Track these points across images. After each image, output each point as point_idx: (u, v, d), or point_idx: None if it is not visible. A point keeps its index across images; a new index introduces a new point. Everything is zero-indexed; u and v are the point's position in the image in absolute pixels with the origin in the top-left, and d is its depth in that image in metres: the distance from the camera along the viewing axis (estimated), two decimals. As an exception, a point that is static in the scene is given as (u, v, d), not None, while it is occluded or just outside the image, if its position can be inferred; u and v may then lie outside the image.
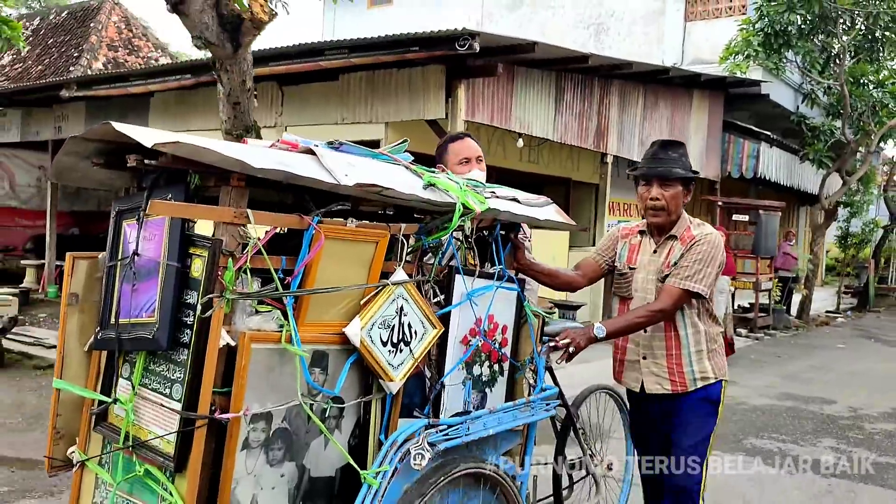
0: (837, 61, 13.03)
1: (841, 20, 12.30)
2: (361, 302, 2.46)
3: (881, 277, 19.52)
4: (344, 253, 2.39)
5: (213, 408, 2.14)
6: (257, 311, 2.22)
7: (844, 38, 12.53)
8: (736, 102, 12.89)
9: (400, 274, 2.52)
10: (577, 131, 9.99)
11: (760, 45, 11.95)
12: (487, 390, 2.97)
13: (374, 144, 3.30)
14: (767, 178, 13.67)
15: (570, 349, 3.05)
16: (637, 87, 10.96)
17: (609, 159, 10.96)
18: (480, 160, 3.52)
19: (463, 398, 2.81)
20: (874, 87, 13.25)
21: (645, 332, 3.27)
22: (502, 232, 2.99)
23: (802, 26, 12.11)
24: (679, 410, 3.27)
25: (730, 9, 13.72)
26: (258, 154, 2.12)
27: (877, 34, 12.50)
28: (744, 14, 13.17)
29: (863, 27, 12.46)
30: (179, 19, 4.94)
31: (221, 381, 2.19)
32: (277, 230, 2.28)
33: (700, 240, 3.25)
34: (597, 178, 11.71)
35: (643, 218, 3.42)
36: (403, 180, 2.56)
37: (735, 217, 13.32)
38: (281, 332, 2.23)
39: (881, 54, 13.00)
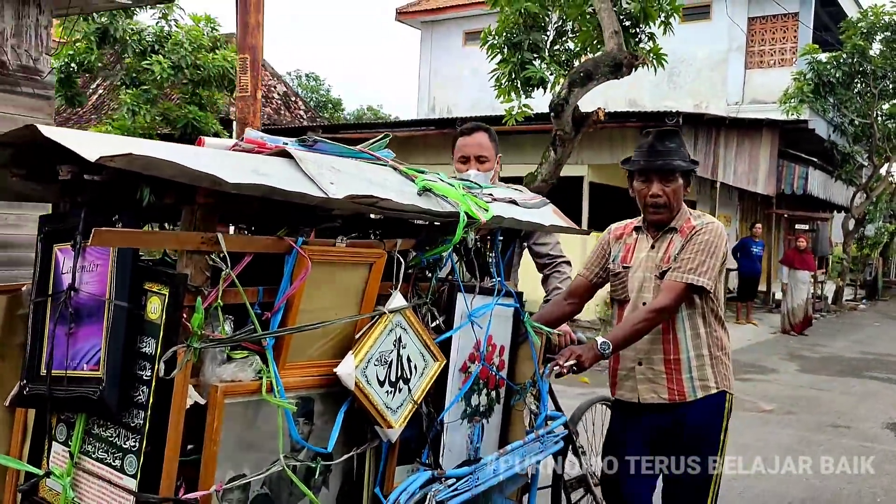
0: (860, 100, 16.80)
1: (872, 74, 16.24)
2: (356, 335, 2.05)
3: (884, 272, 23.81)
4: (332, 278, 1.97)
5: (178, 483, 1.70)
6: (230, 358, 1.78)
7: (874, 86, 16.40)
8: (784, 133, 16.30)
9: (398, 299, 2.11)
10: (704, 165, 12.98)
11: (811, 93, 15.78)
12: (484, 421, 2.60)
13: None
14: (812, 195, 17.22)
15: (574, 369, 2.71)
16: (733, 130, 14.03)
17: (717, 185, 13.92)
18: (484, 160, 3.16)
19: (466, 437, 2.43)
20: (887, 119, 17.01)
21: None
22: (501, 238, 2.62)
23: (843, 78, 16.07)
24: (679, 427, 2.96)
25: (782, 61, 17.88)
26: (229, 164, 1.68)
27: None
28: (792, 65, 17.11)
29: (890, 77, 16.54)
30: (552, 120, 7.52)
31: (186, 443, 1.76)
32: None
33: (701, 229, 2.93)
34: (693, 195, 14.19)
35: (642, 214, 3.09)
36: (396, 187, 2.15)
37: (797, 226, 17.00)
38: (260, 380, 1.80)
39: None
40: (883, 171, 18.39)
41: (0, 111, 7.28)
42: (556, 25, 8.15)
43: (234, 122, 6.94)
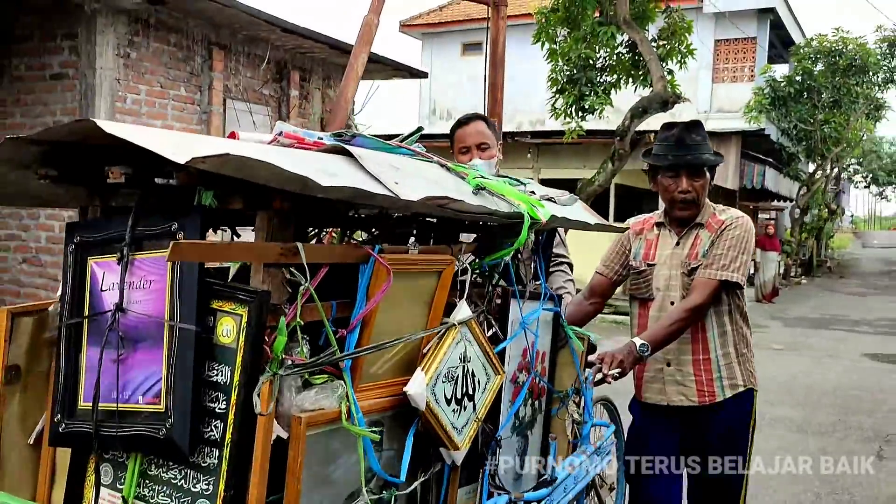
0: (803, 109, 19.74)
1: (817, 90, 19.54)
2: (422, 350, 1.86)
3: (817, 252, 27.62)
4: (403, 289, 1.78)
5: (256, 528, 1.49)
6: (308, 383, 1.57)
7: (818, 100, 19.67)
8: (745, 138, 18.67)
9: (465, 310, 1.94)
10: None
11: (769, 105, 18.51)
12: (529, 433, 2.45)
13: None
14: (767, 189, 19.93)
15: (616, 375, 2.59)
16: (713, 138, 15.33)
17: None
18: (485, 147, 2.96)
19: (514, 452, 2.27)
20: (822, 125, 19.89)
21: None
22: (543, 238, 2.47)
23: (794, 93, 19.32)
24: (708, 428, 2.87)
25: (742, 76, 20.27)
26: (311, 167, 1.46)
27: (837, 98, 20.13)
28: (752, 80, 19.61)
29: (829, 92, 19.86)
30: (616, 142, 9.73)
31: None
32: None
33: (731, 224, 2.83)
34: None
35: (667, 210, 2.98)
36: (454, 186, 1.97)
37: (760, 215, 20.53)
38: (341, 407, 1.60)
39: (839, 108, 20.53)
40: (819, 171, 22.00)
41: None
42: (601, 63, 10.49)
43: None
